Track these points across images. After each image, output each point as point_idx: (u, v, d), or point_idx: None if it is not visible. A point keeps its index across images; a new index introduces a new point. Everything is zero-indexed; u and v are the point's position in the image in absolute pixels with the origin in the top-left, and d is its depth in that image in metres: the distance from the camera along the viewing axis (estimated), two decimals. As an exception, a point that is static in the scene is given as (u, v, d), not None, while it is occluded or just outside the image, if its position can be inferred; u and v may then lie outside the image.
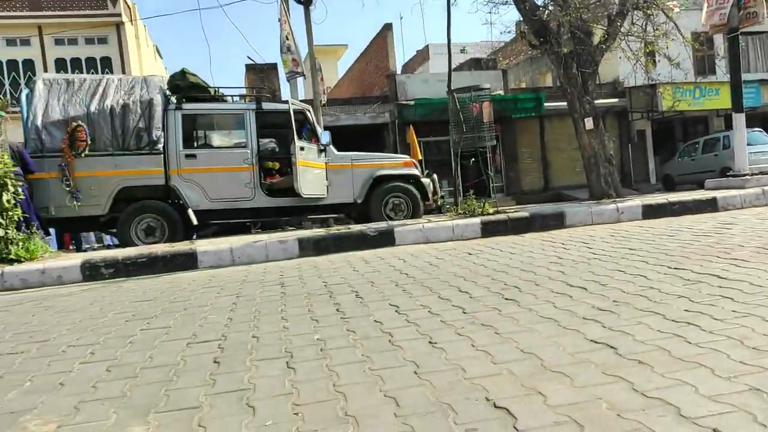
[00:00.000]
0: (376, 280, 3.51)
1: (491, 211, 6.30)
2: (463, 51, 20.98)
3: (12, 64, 15.37)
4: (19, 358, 2.33)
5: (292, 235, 5.63)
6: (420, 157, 14.96)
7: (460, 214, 6.53)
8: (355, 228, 5.83)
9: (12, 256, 4.99)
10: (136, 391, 1.82)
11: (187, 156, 6.81)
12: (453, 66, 8.64)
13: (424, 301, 2.78)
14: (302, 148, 7.05)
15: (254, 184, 7.02)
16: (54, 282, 4.62)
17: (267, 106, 7.36)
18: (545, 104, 16.48)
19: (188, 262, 4.92)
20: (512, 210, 6.70)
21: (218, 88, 7.59)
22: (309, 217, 7.95)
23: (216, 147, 7.73)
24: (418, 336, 2.18)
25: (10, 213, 5.12)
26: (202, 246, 5.15)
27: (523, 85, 23.20)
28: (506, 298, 2.69)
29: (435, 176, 8.28)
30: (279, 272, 4.23)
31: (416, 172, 7.85)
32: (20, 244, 5.13)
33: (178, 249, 5.08)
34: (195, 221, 6.77)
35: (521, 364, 1.76)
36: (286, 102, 7.60)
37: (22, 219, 5.38)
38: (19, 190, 5.30)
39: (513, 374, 1.68)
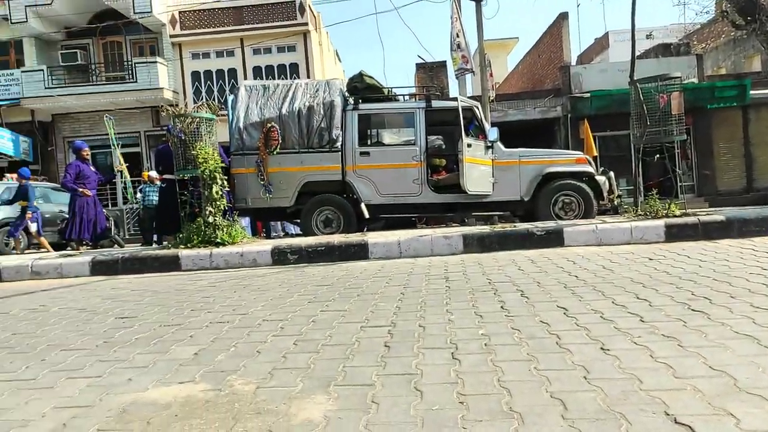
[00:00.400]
0: (542, 280, 3.42)
1: (677, 212, 5.69)
2: (649, 36, 19.06)
3: (220, 73, 17.82)
4: (226, 327, 2.74)
5: (456, 231, 5.71)
6: (595, 154, 14.03)
7: (640, 215, 6.01)
8: (521, 226, 5.70)
9: (218, 240, 5.81)
10: (318, 364, 2.03)
11: (362, 153, 7.27)
12: (637, 53, 7.95)
13: (596, 305, 2.64)
14: (469, 145, 7.08)
15: (421, 181, 7.24)
16: (250, 264, 5.29)
17: (436, 104, 7.51)
18: (751, 92, 14.29)
19: (360, 252, 5.27)
20: (703, 212, 5.97)
21: (391, 88, 7.95)
22: (473, 214, 7.96)
23: (387, 144, 8.13)
24: (588, 341, 2.09)
25: (218, 202, 5.97)
26: (373, 238, 5.47)
27: (723, 72, 20.37)
28: (693, 310, 2.44)
29: (612, 174, 7.72)
30: (443, 266, 4.33)
31: (590, 169, 7.40)
32: (225, 229, 5.95)
33: (351, 240, 5.46)
34: (367, 215, 7.20)
35: (709, 382, 1.60)
36: (455, 99, 7.69)
37: (227, 208, 6.24)
38: (225, 183, 6.15)
39: (699, 391, 1.54)
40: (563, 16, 16.47)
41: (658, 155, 6.90)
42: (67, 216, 10.62)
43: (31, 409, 1.80)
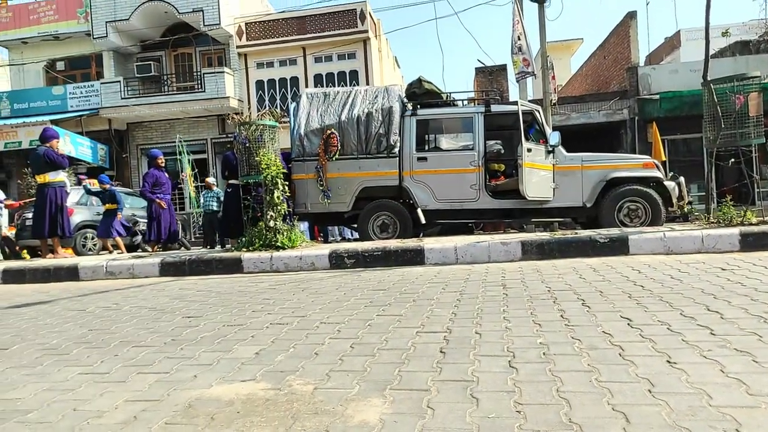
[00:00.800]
0: (605, 289, 3.30)
1: (754, 220, 5.36)
2: (725, 34, 17.94)
3: (283, 81, 18.36)
4: (285, 329, 2.81)
5: (515, 237, 5.60)
6: (663, 158, 13.45)
7: (713, 223, 5.70)
8: (583, 233, 5.53)
9: (278, 244, 5.97)
10: (374, 368, 2.05)
11: (419, 159, 7.27)
12: (711, 52, 7.55)
13: (663, 317, 2.52)
14: (529, 150, 6.95)
15: (479, 186, 7.16)
16: (308, 267, 5.40)
17: (495, 108, 7.42)
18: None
19: (416, 257, 5.27)
20: (784, 220, 5.58)
21: (450, 93, 7.91)
22: (533, 220, 7.79)
23: (445, 150, 8.09)
24: (653, 353, 2.00)
25: (279, 207, 6.14)
26: (429, 244, 5.46)
27: (808, 69, 18.96)
28: (770, 324, 2.29)
29: (682, 179, 7.36)
30: (501, 273, 4.26)
31: (658, 174, 7.08)
32: (285, 234, 6.11)
33: (408, 245, 5.47)
34: (423, 220, 7.19)
35: (787, 401, 1.50)
36: (515, 103, 7.56)
37: (287, 213, 6.40)
38: (286, 188, 6.31)
39: (775, 411, 1.44)
40: (631, 15, 15.88)
41: (733, 160, 6.52)
42: (139, 219, 11.31)
43: (105, 401, 1.92)
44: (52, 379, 2.23)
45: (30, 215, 8.87)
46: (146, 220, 9.23)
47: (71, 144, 16.06)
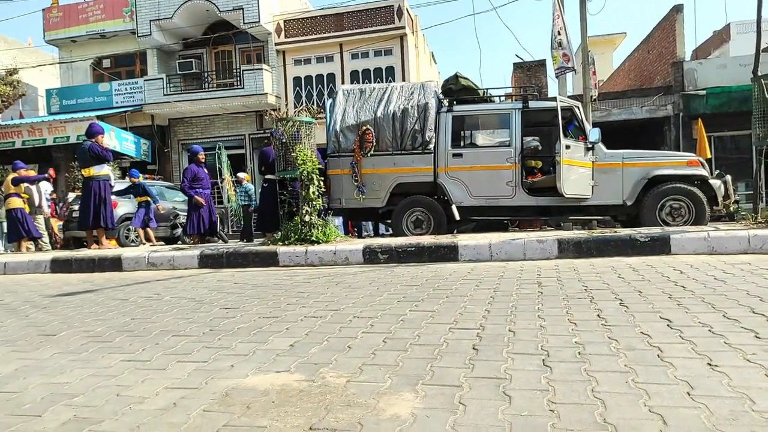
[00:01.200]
0: (644, 289, 3.22)
1: (806, 221, 5.12)
2: (777, 26, 17.15)
3: (319, 78, 18.52)
4: (319, 322, 2.85)
5: (551, 235, 5.52)
6: (708, 155, 13.02)
7: (760, 223, 5.47)
8: (623, 232, 5.40)
9: (313, 238, 6.05)
10: (407, 362, 2.06)
11: (454, 155, 7.24)
12: (763, 46, 7.23)
13: (704, 318, 2.45)
14: (568, 147, 6.82)
15: (515, 183, 7.07)
16: (342, 262, 5.45)
17: (533, 104, 7.31)
18: None
19: (450, 254, 5.25)
20: (839, 222, 5.32)
21: (487, 89, 7.83)
22: (570, 218, 7.65)
23: (481, 146, 8.02)
24: (693, 355, 1.95)
25: (314, 202, 6.21)
26: (463, 240, 5.42)
27: None
28: (821, 329, 2.19)
29: (728, 177, 7.10)
30: (536, 271, 4.20)
31: (703, 172, 6.85)
32: (320, 228, 6.18)
33: (441, 241, 5.45)
34: (457, 217, 7.16)
35: (836, 409, 1.44)
36: (554, 99, 7.43)
37: (322, 208, 6.47)
38: (322, 184, 6.38)
39: (823, 419, 1.39)
40: (677, 9, 15.37)
41: (784, 157, 6.24)
42: (179, 212, 11.64)
43: (147, 388, 1.99)
44: (97, 365, 2.32)
45: (77, 207, 9.24)
46: (186, 214, 9.49)
47: (116, 139, 16.61)
